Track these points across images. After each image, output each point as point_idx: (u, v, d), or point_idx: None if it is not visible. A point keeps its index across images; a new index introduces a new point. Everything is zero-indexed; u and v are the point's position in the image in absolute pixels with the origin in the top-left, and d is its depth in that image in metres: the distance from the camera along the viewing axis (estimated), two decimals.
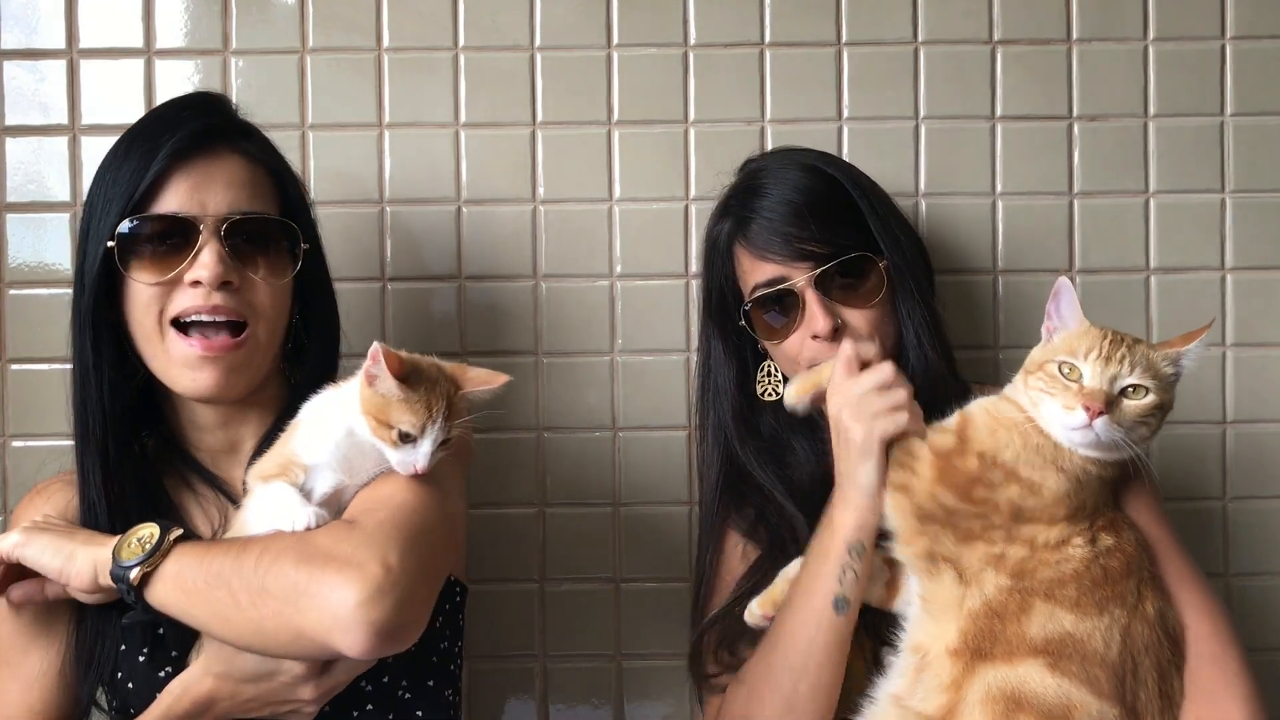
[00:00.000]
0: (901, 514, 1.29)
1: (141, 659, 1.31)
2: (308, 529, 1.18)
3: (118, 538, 1.23)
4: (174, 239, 1.30)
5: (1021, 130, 1.79)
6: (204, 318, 1.31)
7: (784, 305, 1.49)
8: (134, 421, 1.40)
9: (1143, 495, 1.35)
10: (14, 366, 1.77)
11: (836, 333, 1.46)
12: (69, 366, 1.72)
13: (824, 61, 1.79)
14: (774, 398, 1.56)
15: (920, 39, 1.79)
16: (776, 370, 1.57)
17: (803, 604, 1.33)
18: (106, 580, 1.21)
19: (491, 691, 1.78)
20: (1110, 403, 1.23)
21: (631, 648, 1.78)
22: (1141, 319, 1.79)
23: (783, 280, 1.48)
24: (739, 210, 1.53)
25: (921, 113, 1.79)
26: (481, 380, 1.26)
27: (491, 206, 1.78)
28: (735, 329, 1.57)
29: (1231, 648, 1.29)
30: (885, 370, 1.33)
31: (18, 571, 1.28)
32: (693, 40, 1.78)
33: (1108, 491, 1.31)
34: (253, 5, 1.77)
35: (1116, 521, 1.30)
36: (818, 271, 1.46)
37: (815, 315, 1.46)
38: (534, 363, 1.79)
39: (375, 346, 1.19)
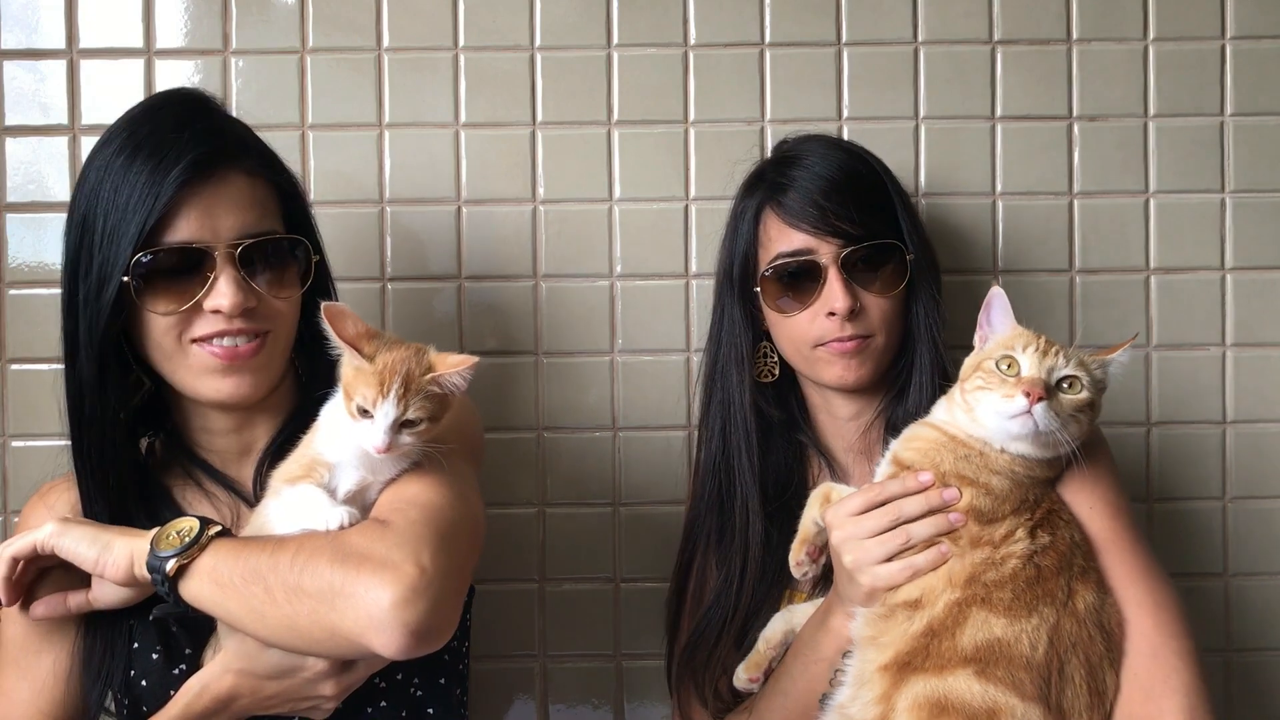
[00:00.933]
0: None
1: (156, 656, 1.31)
2: (341, 528, 1.19)
3: (155, 530, 1.23)
4: (189, 268, 1.30)
5: (1021, 130, 1.79)
6: (226, 341, 1.32)
7: (803, 279, 1.48)
8: (134, 426, 1.40)
9: (1086, 490, 1.34)
10: (14, 366, 1.77)
11: (853, 314, 1.46)
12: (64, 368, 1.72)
13: (824, 61, 1.79)
14: (770, 379, 1.57)
15: (920, 39, 1.79)
16: (773, 351, 1.57)
17: (790, 695, 1.39)
18: (141, 571, 1.21)
19: (492, 691, 1.78)
20: (1048, 390, 1.25)
21: (631, 648, 1.78)
22: (1141, 319, 1.79)
23: (809, 253, 1.48)
24: (775, 177, 1.53)
25: (921, 113, 1.79)
26: (454, 365, 1.24)
27: (491, 206, 1.78)
28: (751, 295, 1.55)
29: (1173, 641, 1.27)
30: (886, 513, 1.31)
31: (35, 578, 1.29)
32: (693, 40, 1.78)
33: (1043, 488, 1.32)
34: (253, 5, 1.77)
35: (1054, 516, 1.31)
36: (847, 250, 1.46)
37: (836, 292, 1.46)
38: (534, 363, 1.79)
39: (325, 304, 1.20)
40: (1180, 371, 1.79)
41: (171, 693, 1.28)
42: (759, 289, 1.53)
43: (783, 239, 1.50)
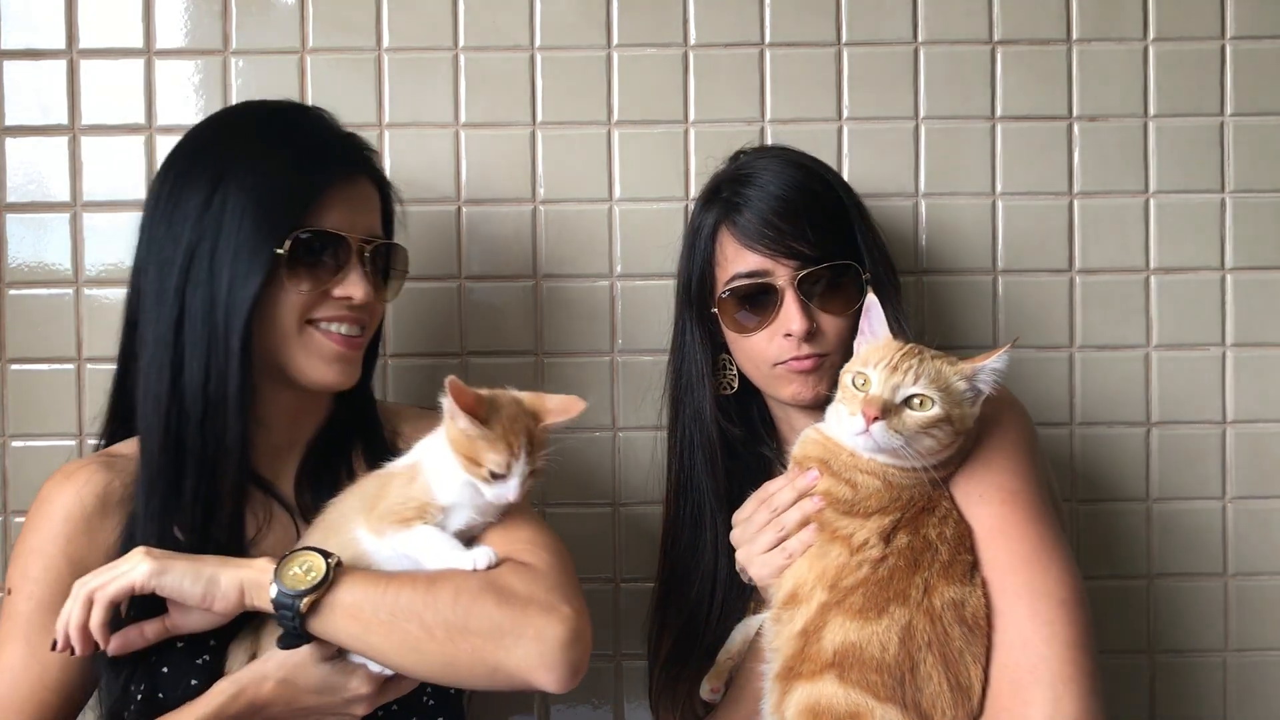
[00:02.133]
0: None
1: (180, 645, 1.30)
2: (489, 567, 1.26)
3: (261, 561, 1.25)
4: (328, 254, 1.37)
5: (1021, 130, 1.79)
6: (344, 328, 1.38)
7: (760, 300, 1.48)
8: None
9: (975, 479, 1.32)
10: (14, 366, 1.77)
11: (810, 335, 1.45)
12: (68, 367, 1.73)
13: (824, 61, 1.79)
14: (729, 391, 1.57)
15: (920, 39, 1.79)
16: (731, 364, 1.56)
17: (743, 702, 1.42)
18: (257, 604, 1.24)
19: (492, 692, 1.78)
20: (888, 410, 1.26)
21: (631, 648, 1.78)
22: (1141, 319, 1.79)
23: (764, 274, 1.47)
24: (730, 196, 1.51)
25: (921, 113, 1.79)
26: (560, 410, 1.32)
27: (491, 206, 1.78)
28: (709, 315, 1.55)
29: (1047, 628, 1.22)
30: (764, 507, 1.37)
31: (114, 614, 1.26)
32: (693, 40, 1.78)
33: (924, 489, 1.30)
34: (253, 5, 1.77)
35: (924, 514, 1.30)
36: (803, 272, 1.45)
37: (792, 314, 1.45)
38: (534, 363, 1.79)
39: (449, 378, 1.25)
40: (1180, 371, 1.79)
41: (193, 682, 1.28)
42: (716, 309, 1.52)
43: (739, 259, 1.48)
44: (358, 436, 1.47)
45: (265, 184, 1.33)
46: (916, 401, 1.27)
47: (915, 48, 1.79)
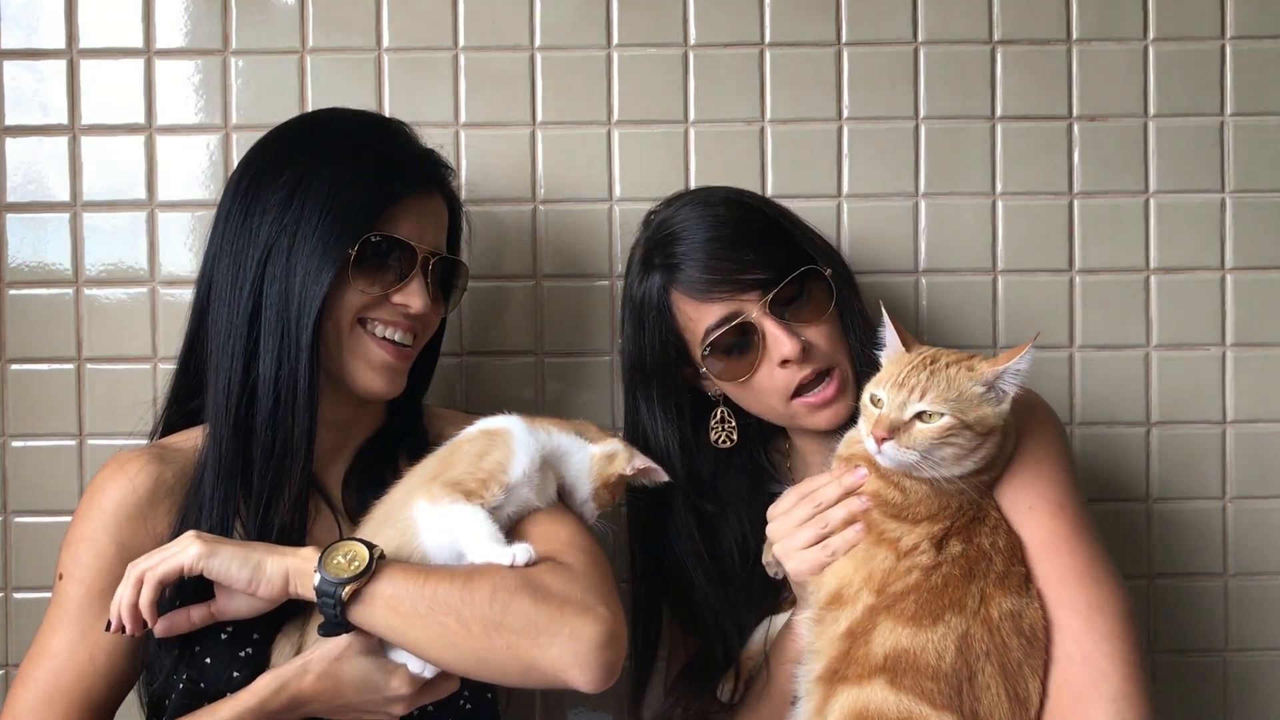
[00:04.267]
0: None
1: (224, 636, 1.32)
2: (528, 564, 1.28)
3: (306, 550, 1.27)
4: (393, 261, 1.40)
5: (1021, 130, 1.79)
6: (397, 336, 1.41)
7: (742, 343, 1.45)
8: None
9: (1024, 489, 1.32)
10: (14, 366, 1.77)
11: (805, 353, 1.43)
12: (68, 366, 1.73)
13: (824, 61, 1.79)
14: (728, 445, 1.54)
15: (920, 39, 1.79)
16: (730, 416, 1.54)
17: (768, 704, 1.42)
18: (300, 591, 1.26)
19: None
20: (895, 428, 1.25)
21: (631, 648, 1.77)
22: (1141, 319, 1.79)
23: (735, 316, 1.44)
24: (664, 260, 1.47)
25: (921, 113, 1.79)
26: (637, 467, 1.43)
27: (492, 206, 1.78)
28: (675, 385, 1.52)
29: (1106, 644, 1.25)
30: (807, 501, 1.35)
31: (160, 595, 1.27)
32: (693, 40, 1.78)
33: (976, 493, 1.30)
34: (253, 5, 1.77)
35: (976, 523, 1.30)
36: (769, 296, 1.43)
37: (780, 340, 1.42)
38: (534, 363, 1.79)
39: (629, 455, 1.41)
40: (1180, 371, 1.79)
41: (235, 674, 1.29)
42: (704, 370, 1.49)
43: (703, 315, 1.46)
44: (405, 443, 1.49)
45: (345, 188, 1.37)
46: (926, 415, 1.26)
47: (915, 48, 1.79)
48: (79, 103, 1.77)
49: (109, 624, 1.26)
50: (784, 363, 1.43)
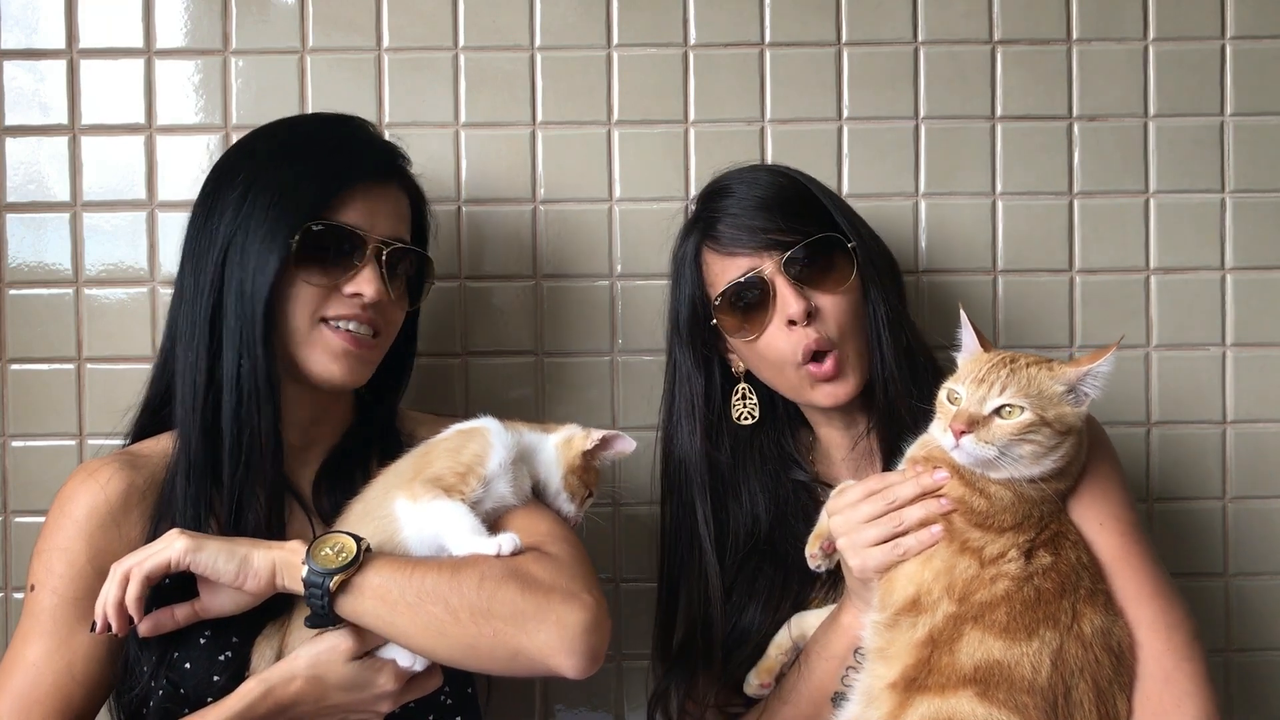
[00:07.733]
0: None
1: (204, 640, 1.31)
2: (513, 554, 1.29)
3: (293, 543, 1.27)
4: (343, 250, 1.39)
5: (1021, 130, 1.79)
6: (352, 325, 1.40)
7: (753, 298, 1.47)
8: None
9: (1095, 506, 1.33)
10: (14, 366, 1.77)
11: (810, 317, 1.44)
12: (68, 366, 1.73)
13: (824, 61, 1.79)
14: (750, 420, 1.55)
15: (920, 39, 1.79)
16: (751, 392, 1.55)
17: (805, 698, 1.40)
18: (287, 584, 1.26)
19: (492, 693, 1.78)
20: (975, 422, 1.24)
21: (631, 648, 1.78)
22: (1141, 319, 1.79)
23: (752, 271, 1.46)
24: (705, 214, 1.53)
25: (921, 113, 1.79)
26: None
27: (491, 206, 1.78)
28: (705, 340, 1.54)
29: (1186, 664, 1.26)
30: (881, 497, 1.32)
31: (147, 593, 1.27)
32: (693, 40, 1.78)
33: (1053, 504, 1.30)
34: (253, 5, 1.77)
35: (1060, 537, 1.29)
36: (785, 255, 1.45)
37: (787, 299, 1.44)
38: (534, 363, 1.79)
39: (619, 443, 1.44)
40: (1180, 371, 1.79)
41: (215, 678, 1.29)
42: (717, 323, 1.51)
43: (726, 269, 1.49)
44: (376, 444, 1.49)
45: (294, 180, 1.38)
46: (1005, 410, 1.25)
47: (915, 48, 1.79)
48: (79, 103, 1.77)
49: (94, 625, 1.25)
50: (790, 324, 1.44)
